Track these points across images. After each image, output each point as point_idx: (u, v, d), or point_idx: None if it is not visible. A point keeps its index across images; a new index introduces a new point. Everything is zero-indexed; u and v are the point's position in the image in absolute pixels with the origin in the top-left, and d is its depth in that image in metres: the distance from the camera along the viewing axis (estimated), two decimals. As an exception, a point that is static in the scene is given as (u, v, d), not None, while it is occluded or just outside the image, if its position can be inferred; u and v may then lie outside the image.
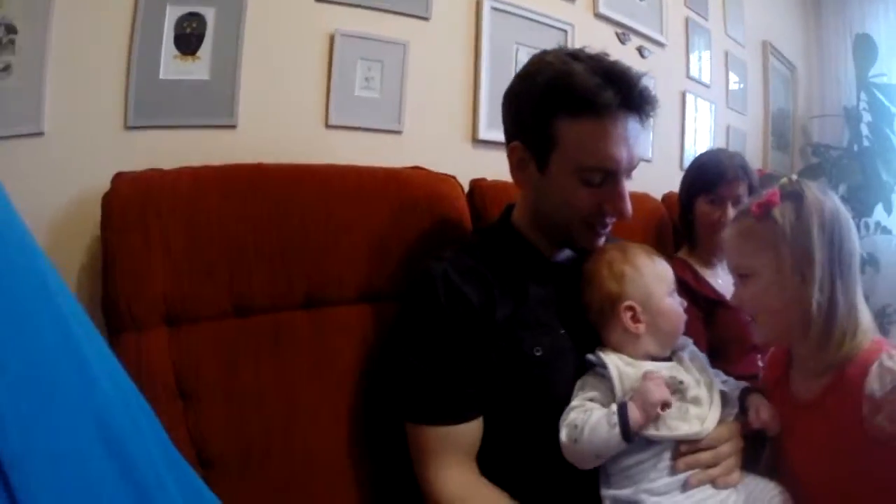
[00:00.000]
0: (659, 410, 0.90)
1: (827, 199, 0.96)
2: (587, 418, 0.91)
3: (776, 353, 1.13)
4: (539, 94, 1.01)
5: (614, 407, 0.91)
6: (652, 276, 1.04)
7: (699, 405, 0.95)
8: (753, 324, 1.02)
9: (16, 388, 0.36)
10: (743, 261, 1.00)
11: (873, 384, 0.86)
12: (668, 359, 1.02)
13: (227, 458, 0.99)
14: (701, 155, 1.92)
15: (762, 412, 0.97)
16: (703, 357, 1.05)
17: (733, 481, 0.93)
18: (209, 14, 1.25)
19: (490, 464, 1.01)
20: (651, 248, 1.11)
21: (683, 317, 1.04)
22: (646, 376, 0.94)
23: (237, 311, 1.07)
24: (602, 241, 1.09)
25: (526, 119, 1.04)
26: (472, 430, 1.00)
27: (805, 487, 0.95)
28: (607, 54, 1.03)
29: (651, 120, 1.05)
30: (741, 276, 1.01)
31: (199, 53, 1.25)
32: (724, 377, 1.04)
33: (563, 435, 0.93)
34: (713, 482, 0.92)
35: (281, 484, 1.03)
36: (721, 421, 0.96)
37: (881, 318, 3.66)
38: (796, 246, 0.93)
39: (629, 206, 1.03)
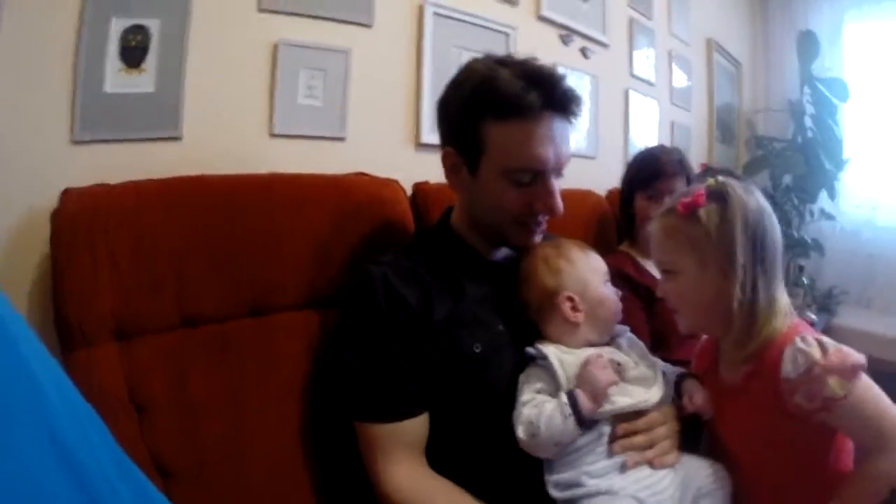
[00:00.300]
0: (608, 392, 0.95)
1: (751, 198, 1.00)
2: (541, 412, 0.95)
3: (706, 342, 1.19)
4: (466, 100, 1.05)
5: (564, 398, 0.95)
6: (586, 268, 1.09)
7: (640, 384, 1.00)
8: (677, 315, 1.07)
9: None
10: (667, 257, 1.05)
11: (788, 367, 0.92)
12: (607, 345, 1.07)
13: (184, 467, 1.01)
14: (640, 152, 1.99)
15: (696, 397, 1.02)
16: (641, 344, 1.10)
17: (669, 462, 0.98)
18: (154, 26, 1.26)
19: (438, 458, 1.05)
20: (583, 242, 1.16)
21: (619, 304, 1.10)
22: (587, 361, 0.98)
23: (185, 322, 1.09)
24: (537, 238, 1.13)
25: (456, 125, 1.08)
26: (418, 426, 1.04)
27: (738, 469, 1.01)
28: (535, 58, 1.07)
29: (577, 119, 1.09)
30: (665, 272, 1.06)
31: (143, 66, 1.25)
32: (663, 364, 1.09)
33: (520, 431, 0.97)
34: (650, 463, 0.96)
35: (237, 490, 1.05)
36: (658, 404, 1.01)
37: (828, 299, 3.81)
38: (720, 246, 0.97)
39: (559, 204, 1.08)
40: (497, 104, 1.01)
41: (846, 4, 4.31)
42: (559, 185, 1.09)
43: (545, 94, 1.02)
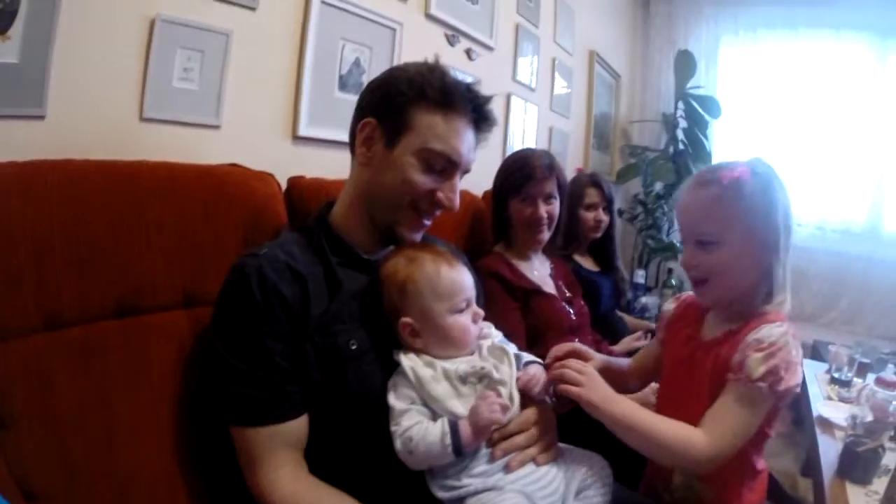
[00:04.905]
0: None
1: (782, 181, 1.12)
2: (422, 434, 0.99)
3: (684, 308, 1.31)
4: (409, 81, 1.15)
5: (447, 427, 0.98)
6: (431, 294, 1.09)
7: (505, 386, 1.07)
8: (702, 286, 1.15)
9: None
10: (707, 227, 1.12)
11: (759, 334, 1.03)
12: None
13: (52, 487, 0.96)
14: (509, 156, 2.11)
15: (532, 380, 1.10)
16: (502, 343, 1.17)
17: (552, 457, 1.07)
18: None
19: (318, 460, 1.08)
20: (447, 253, 1.17)
21: (470, 330, 1.11)
22: (480, 396, 1.02)
23: (47, 325, 1.04)
24: (420, 235, 1.22)
25: (389, 101, 1.16)
26: (297, 428, 1.06)
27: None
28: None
29: (484, 139, 1.24)
30: (702, 243, 1.13)
31: (9, 33, 1.17)
32: (529, 357, 1.17)
33: (398, 444, 1.00)
34: (534, 461, 1.05)
35: (111, 506, 1.04)
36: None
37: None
38: (766, 220, 1.08)
39: (458, 200, 1.19)
40: (437, 93, 1.14)
41: (723, 28, 4.78)
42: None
43: (475, 105, 1.18)
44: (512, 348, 1.16)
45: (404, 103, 1.14)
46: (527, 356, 1.18)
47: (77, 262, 1.07)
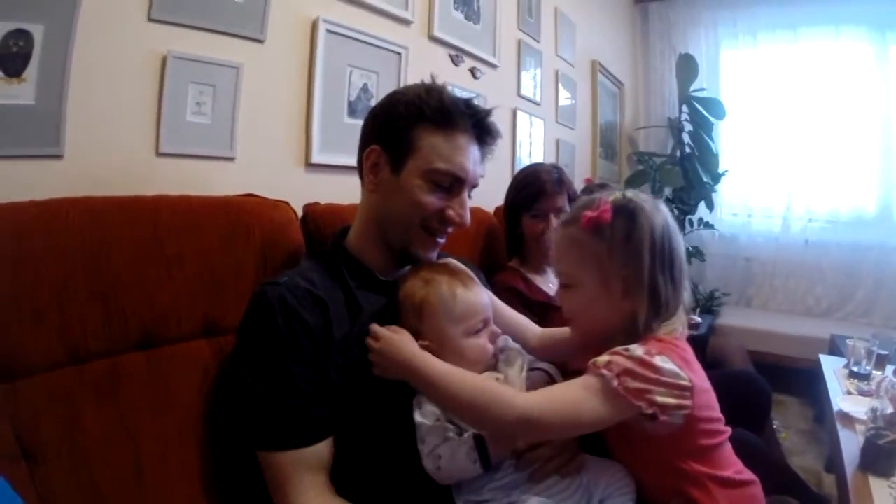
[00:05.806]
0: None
1: (658, 214, 1.01)
2: (450, 452, 0.98)
3: None
4: (407, 104, 1.15)
5: (472, 442, 0.98)
6: (447, 317, 1.08)
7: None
8: (572, 325, 1.13)
9: None
10: (566, 269, 1.07)
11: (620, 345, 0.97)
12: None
13: None
14: (520, 171, 2.11)
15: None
16: (519, 360, 1.13)
17: (575, 468, 1.06)
18: (37, 32, 1.20)
19: (344, 481, 1.07)
20: (463, 274, 1.16)
21: (487, 351, 1.11)
22: None
23: (71, 359, 1.04)
24: (435, 253, 1.22)
25: (390, 126, 1.16)
26: (323, 451, 1.06)
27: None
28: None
29: (490, 152, 1.23)
30: (564, 285, 1.10)
31: (25, 75, 1.19)
32: (539, 364, 1.18)
33: (427, 462, 1.00)
34: (557, 472, 1.04)
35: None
36: None
37: (710, 301, 4.17)
38: (625, 265, 0.99)
39: (468, 216, 1.18)
40: (437, 113, 1.14)
41: (722, 33, 4.78)
42: (470, 202, 1.20)
43: (476, 120, 1.18)
44: (527, 359, 1.15)
45: (405, 127, 1.14)
46: (538, 363, 1.19)
47: (100, 296, 1.08)
